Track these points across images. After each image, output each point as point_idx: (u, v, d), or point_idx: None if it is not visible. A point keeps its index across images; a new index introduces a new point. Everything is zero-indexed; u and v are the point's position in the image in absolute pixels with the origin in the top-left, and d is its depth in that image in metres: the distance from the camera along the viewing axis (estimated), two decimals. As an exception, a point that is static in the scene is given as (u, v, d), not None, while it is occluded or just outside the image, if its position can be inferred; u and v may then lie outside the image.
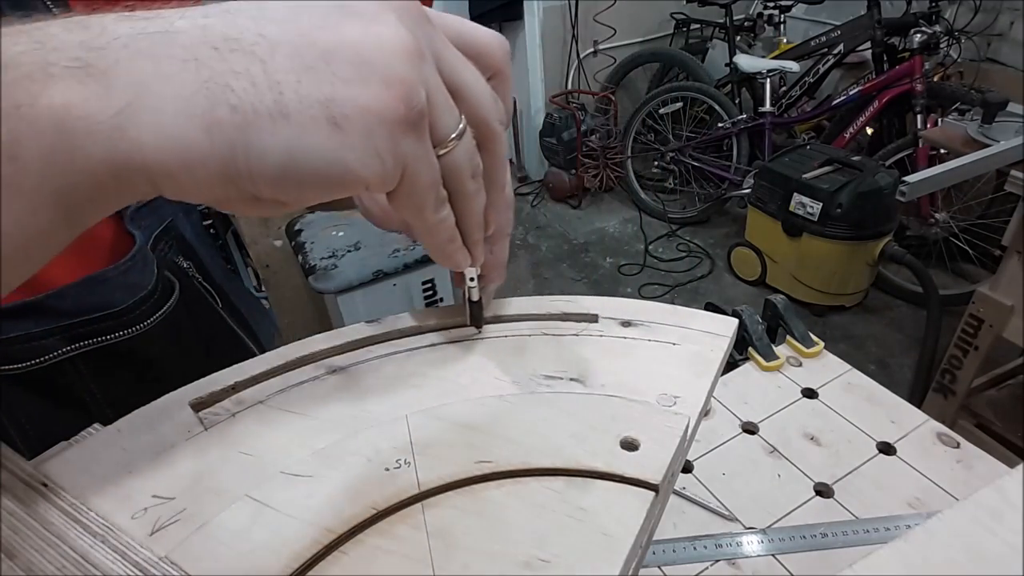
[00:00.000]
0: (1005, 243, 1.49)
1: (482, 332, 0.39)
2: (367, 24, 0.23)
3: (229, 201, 0.24)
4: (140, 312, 0.47)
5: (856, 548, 0.40)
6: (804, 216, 2.18)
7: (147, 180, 0.22)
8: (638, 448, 0.30)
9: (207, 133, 0.21)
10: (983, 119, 1.58)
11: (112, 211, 0.23)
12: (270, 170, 0.22)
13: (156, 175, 0.22)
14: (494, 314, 0.41)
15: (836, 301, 2.32)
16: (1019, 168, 1.37)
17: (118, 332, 0.46)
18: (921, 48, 2.23)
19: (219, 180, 0.22)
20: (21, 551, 0.24)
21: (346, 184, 0.23)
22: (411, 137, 0.24)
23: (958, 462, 0.46)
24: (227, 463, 0.30)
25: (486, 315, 0.39)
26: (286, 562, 0.25)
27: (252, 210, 0.24)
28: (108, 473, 0.30)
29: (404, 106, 0.23)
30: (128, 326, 0.47)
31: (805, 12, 3.06)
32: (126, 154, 0.21)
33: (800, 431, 0.49)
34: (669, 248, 2.85)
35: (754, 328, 0.57)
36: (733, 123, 2.68)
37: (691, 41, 3.30)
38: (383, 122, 0.23)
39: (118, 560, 0.24)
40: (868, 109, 2.43)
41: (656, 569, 0.40)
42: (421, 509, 0.28)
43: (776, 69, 2.58)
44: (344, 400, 0.34)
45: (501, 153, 0.30)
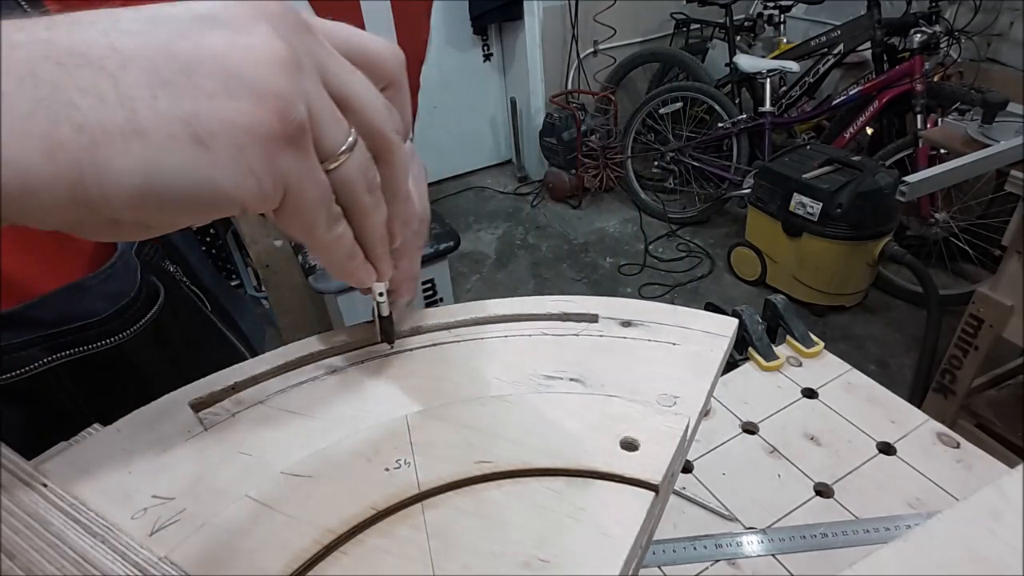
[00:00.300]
0: (1005, 243, 1.49)
1: (483, 332, 0.39)
2: (235, 34, 0.22)
3: (83, 225, 0.22)
4: (123, 320, 0.47)
5: (856, 548, 0.40)
6: (804, 216, 2.18)
7: None
8: (638, 448, 0.30)
9: (48, 155, 0.19)
10: (983, 119, 1.58)
11: None
12: (127, 192, 0.20)
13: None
14: (494, 314, 0.41)
15: (836, 301, 2.32)
16: (1019, 168, 1.37)
17: (101, 341, 0.45)
18: (921, 48, 2.23)
19: (68, 204, 0.20)
20: (21, 551, 0.24)
21: (217, 204, 0.22)
22: (290, 153, 0.22)
23: (958, 462, 0.46)
24: (227, 463, 0.30)
25: (399, 329, 0.38)
26: (286, 562, 0.25)
27: (112, 234, 0.23)
28: (108, 473, 0.30)
29: (278, 120, 0.22)
30: (111, 334, 0.46)
31: (805, 12, 3.06)
32: None
33: (800, 431, 0.49)
34: (669, 248, 2.85)
35: (754, 328, 0.57)
36: (733, 123, 2.68)
37: (691, 41, 3.30)
38: (255, 138, 0.21)
39: (118, 560, 0.24)
40: (868, 109, 2.43)
41: (656, 569, 0.40)
42: (421, 509, 0.28)
43: (776, 69, 2.58)
44: (344, 400, 0.34)
45: (400, 164, 0.28)
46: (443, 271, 1.78)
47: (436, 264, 1.74)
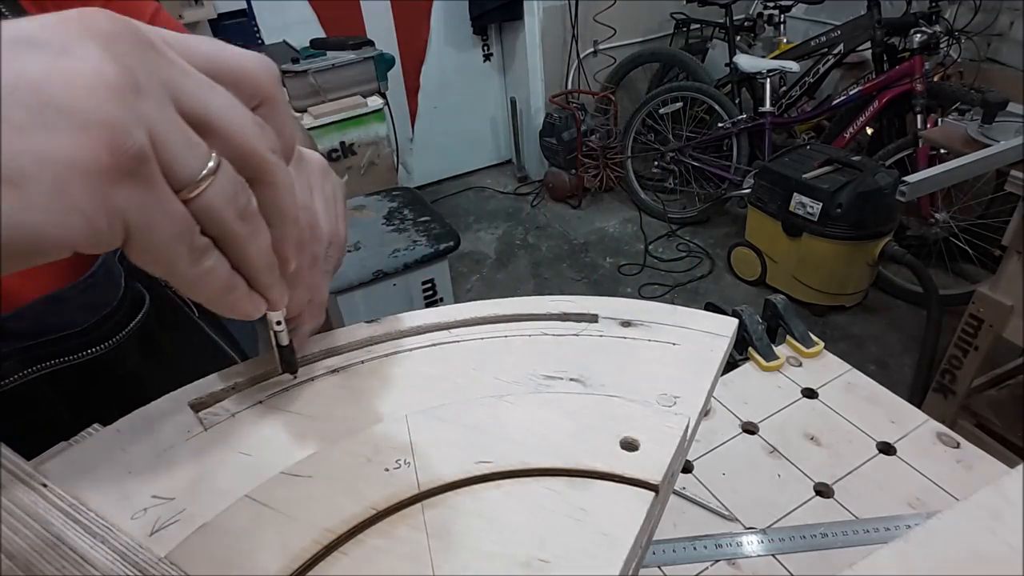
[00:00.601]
0: (1005, 243, 1.49)
1: (483, 332, 0.39)
2: (54, 58, 0.19)
3: None
4: (104, 330, 0.45)
5: (856, 548, 0.40)
6: (804, 216, 2.18)
7: None
8: (638, 448, 0.30)
9: None
10: (983, 119, 1.58)
11: None
12: None
13: None
14: (495, 314, 0.41)
15: (836, 301, 2.32)
16: (1019, 168, 1.37)
17: (82, 351, 0.44)
18: (921, 48, 2.23)
19: None
20: (21, 551, 0.24)
21: (42, 250, 0.20)
22: (126, 186, 0.20)
23: (958, 462, 0.46)
24: (227, 463, 0.30)
25: (309, 352, 0.36)
26: (286, 562, 0.25)
27: None
28: (108, 473, 0.30)
29: (107, 152, 0.20)
30: (92, 344, 0.45)
31: (805, 12, 3.06)
32: None
33: (800, 431, 0.49)
34: (669, 248, 2.85)
35: (754, 328, 0.57)
36: (733, 123, 2.68)
37: (691, 41, 3.30)
38: (79, 174, 0.19)
39: (118, 560, 0.24)
40: (868, 109, 2.43)
41: (656, 569, 0.40)
42: (421, 509, 0.28)
43: (776, 69, 2.58)
44: (344, 400, 0.34)
45: (282, 183, 0.26)
46: (443, 271, 1.79)
47: (436, 264, 1.74)
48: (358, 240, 1.69)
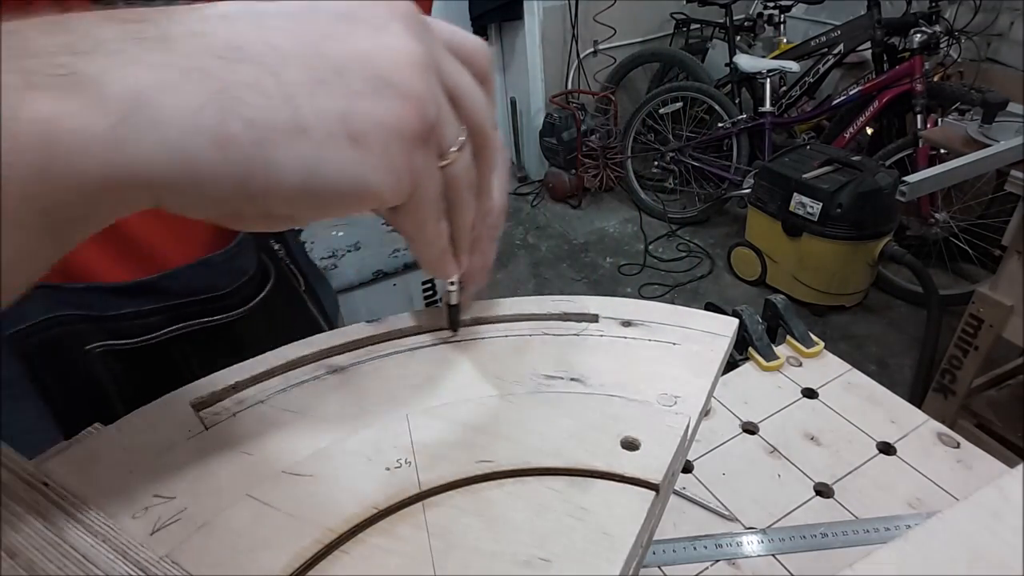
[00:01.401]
0: (1005, 243, 1.49)
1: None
2: (376, 34, 0.22)
3: (239, 217, 0.22)
4: (241, 296, 0.49)
5: (856, 548, 0.40)
6: (804, 216, 2.18)
7: (151, 196, 0.20)
8: (638, 448, 0.30)
9: (220, 149, 0.20)
10: (983, 119, 1.58)
11: (104, 226, 0.21)
12: (288, 188, 0.21)
13: (162, 192, 0.20)
14: (495, 314, 0.41)
15: (836, 301, 2.32)
16: (1019, 168, 1.37)
17: (220, 314, 0.48)
18: (921, 48, 2.23)
19: (233, 197, 0.21)
20: (22, 550, 0.24)
21: (364, 201, 0.23)
22: (422, 151, 0.23)
23: (958, 462, 0.46)
24: (228, 462, 0.30)
25: (464, 318, 0.38)
26: (287, 561, 0.25)
27: (258, 226, 0.24)
28: (109, 472, 0.30)
29: (419, 120, 0.22)
30: (230, 309, 0.48)
31: (805, 12, 3.06)
32: (128, 170, 0.19)
33: (800, 431, 0.49)
34: (669, 248, 2.85)
35: (754, 328, 0.57)
36: (733, 123, 2.68)
37: (691, 41, 3.30)
38: (399, 137, 0.22)
39: (119, 559, 0.24)
40: (868, 109, 2.43)
41: (656, 569, 0.40)
42: (422, 509, 0.28)
43: (776, 69, 2.58)
44: (344, 400, 0.34)
45: (494, 160, 0.29)
46: (443, 271, 1.78)
47: (436, 264, 1.73)
48: (358, 240, 1.69)
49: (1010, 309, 1.47)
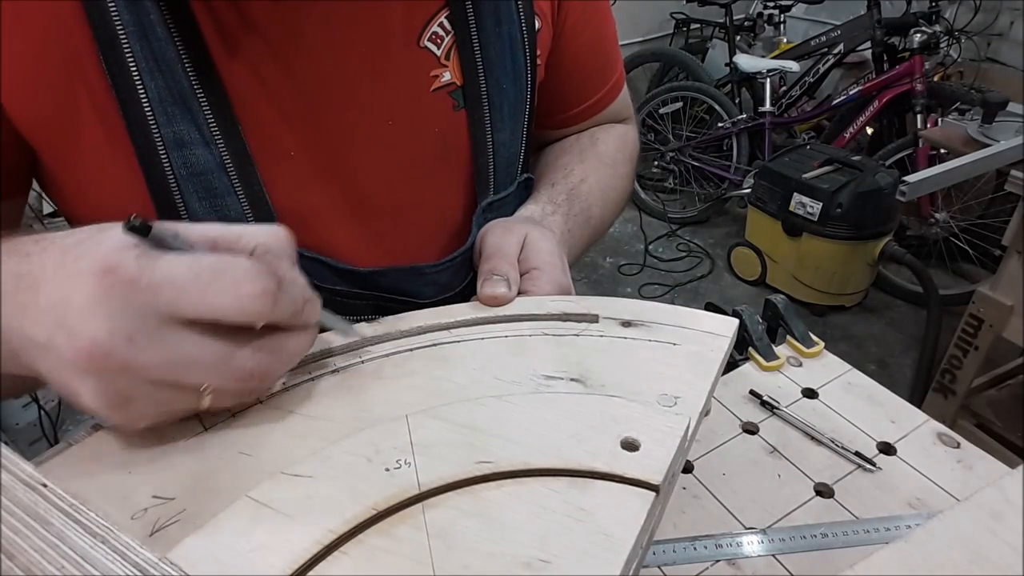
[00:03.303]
0: (1005, 243, 1.49)
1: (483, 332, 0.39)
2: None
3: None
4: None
5: (856, 548, 0.40)
6: (804, 216, 2.18)
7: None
8: (639, 448, 0.30)
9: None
10: (983, 119, 1.58)
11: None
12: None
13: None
14: (495, 314, 0.41)
15: (836, 301, 2.32)
16: (1019, 168, 1.37)
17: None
18: (921, 48, 2.23)
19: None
20: (21, 551, 0.24)
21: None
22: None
23: (958, 462, 0.46)
24: (227, 463, 0.30)
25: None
26: (286, 562, 0.25)
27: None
28: (108, 473, 0.30)
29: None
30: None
31: (805, 12, 3.06)
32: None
33: (800, 431, 0.49)
34: (669, 248, 2.85)
35: (754, 328, 0.57)
36: (733, 123, 2.68)
37: (691, 41, 3.30)
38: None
39: (118, 560, 0.24)
40: (868, 109, 2.43)
41: (656, 569, 0.40)
42: (421, 509, 0.28)
43: (776, 69, 2.58)
44: (344, 400, 0.34)
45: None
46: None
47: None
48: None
49: (1010, 309, 1.47)
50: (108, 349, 0.27)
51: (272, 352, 0.30)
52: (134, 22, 0.37)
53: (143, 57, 0.38)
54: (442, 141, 0.50)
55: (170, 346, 0.28)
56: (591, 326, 0.39)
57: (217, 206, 0.42)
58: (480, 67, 0.49)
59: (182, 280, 0.27)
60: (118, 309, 0.27)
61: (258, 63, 0.41)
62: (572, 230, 0.56)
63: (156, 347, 0.27)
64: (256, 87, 0.42)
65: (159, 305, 0.27)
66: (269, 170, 0.44)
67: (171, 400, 0.29)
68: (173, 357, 0.28)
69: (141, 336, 0.27)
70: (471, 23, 0.48)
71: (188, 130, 0.40)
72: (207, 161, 0.41)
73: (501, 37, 0.49)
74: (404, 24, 0.45)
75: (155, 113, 0.39)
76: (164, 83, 0.39)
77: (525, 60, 0.52)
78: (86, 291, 0.27)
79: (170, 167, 0.41)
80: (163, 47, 0.38)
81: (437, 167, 0.51)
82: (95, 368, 0.27)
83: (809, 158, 2.27)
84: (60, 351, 0.28)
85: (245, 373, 0.29)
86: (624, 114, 0.69)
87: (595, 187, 0.60)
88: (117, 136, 0.39)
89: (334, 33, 0.43)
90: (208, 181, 0.42)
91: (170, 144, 0.40)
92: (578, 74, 0.60)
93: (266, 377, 0.30)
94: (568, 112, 0.63)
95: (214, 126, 0.41)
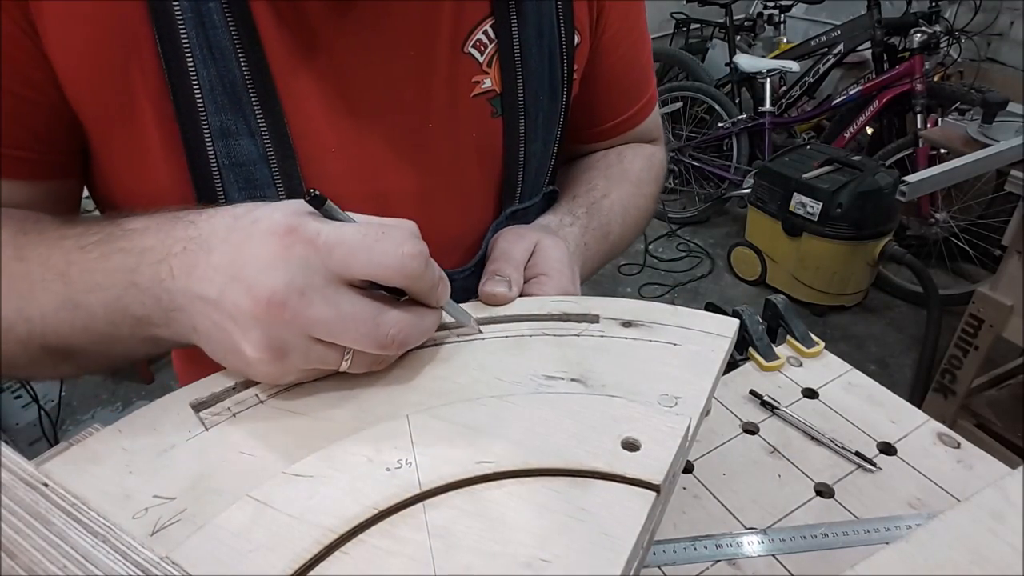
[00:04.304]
0: (1005, 243, 1.49)
1: (483, 332, 0.39)
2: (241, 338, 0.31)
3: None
4: None
5: (857, 548, 0.40)
6: (804, 216, 2.18)
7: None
8: (639, 448, 0.30)
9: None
10: (983, 119, 1.58)
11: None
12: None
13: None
14: (495, 314, 0.41)
15: (836, 301, 2.32)
16: (1019, 168, 1.37)
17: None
18: (921, 48, 2.23)
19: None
20: (22, 551, 0.24)
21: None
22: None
23: (959, 462, 0.46)
24: (228, 463, 0.30)
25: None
26: (287, 562, 0.25)
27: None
28: (109, 473, 0.30)
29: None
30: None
31: (805, 12, 3.06)
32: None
33: (800, 431, 0.49)
34: (669, 248, 2.85)
35: (754, 328, 0.57)
36: (733, 123, 2.68)
37: (691, 41, 3.30)
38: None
39: (119, 560, 0.24)
40: (868, 109, 2.43)
41: (656, 569, 0.40)
42: (422, 509, 0.28)
43: (776, 69, 2.58)
44: (345, 400, 0.34)
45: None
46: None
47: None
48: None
49: (1010, 309, 1.47)
50: (284, 299, 0.29)
51: (411, 324, 0.33)
52: (192, 8, 0.38)
53: (198, 44, 0.38)
54: (477, 147, 0.50)
55: (333, 303, 0.30)
56: (591, 326, 0.39)
57: (255, 197, 0.43)
58: (520, 77, 0.49)
59: (352, 241, 0.31)
60: (296, 265, 0.30)
61: (309, 59, 0.42)
62: (589, 244, 0.56)
63: (322, 303, 0.30)
64: (304, 82, 0.42)
65: (331, 263, 0.30)
66: (309, 165, 0.44)
67: (320, 358, 0.32)
68: (334, 314, 0.30)
69: (312, 291, 0.30)
70: (515, 33, 0.48)
71: (235, 120, 0.41)
72: (251, 152, 0.42)
73: (542, 50, 0.50)
74: (451, 28, 0.46)
75: (205, 101, 0.40)
76: (216, 72, 0.39)
77: (562, 74, 0.52)
78: (268, 248, 0.30)
79: (214, 155, 0.41)
80: (219, 36, 0.39)
81: (469, 172, 0.51)
82: (269, 318, 0.30)
83: (809, 158, 2.27)
84: (236, 302, 0.30)
85: (388, 339, 0.32)
86: (654, 134, 0.69)
87: (617, 203, 0.60)
88: (165, 121, 0.40)
89: (385, 33, 0.43)
90: (249, 172, 0.42)
91: (216, 133, 0.41)
92: (611, 89, 0.60)
93: (403, 345, 0.33)
94: (599, 127, 0.63)
95: (261, 118, 0.41)
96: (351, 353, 0.32)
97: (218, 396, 0.34)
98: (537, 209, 0.57)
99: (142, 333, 0.35)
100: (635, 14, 0.58)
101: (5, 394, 1.70)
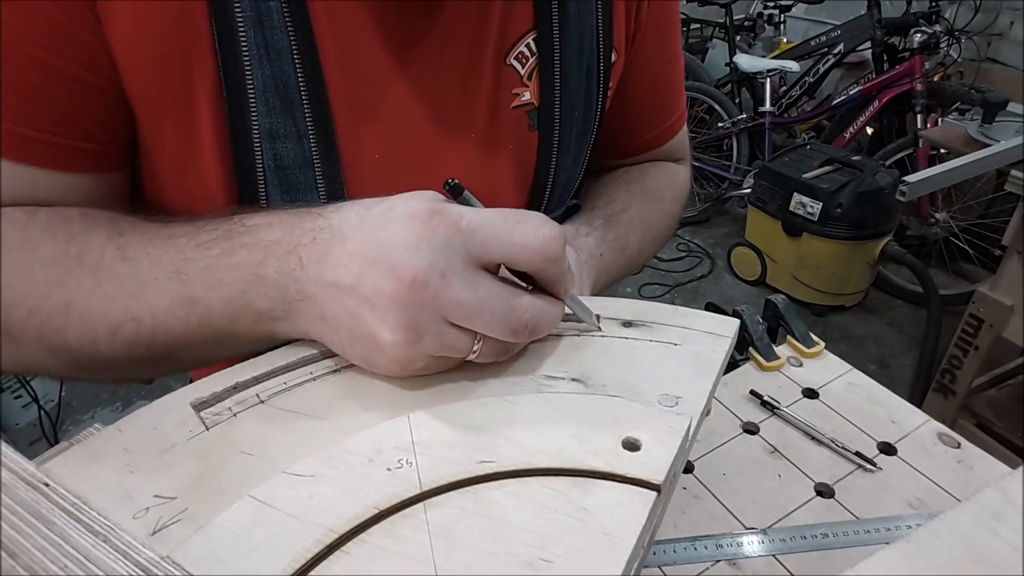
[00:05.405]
0: (1005, 243, 1.49)
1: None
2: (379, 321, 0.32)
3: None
4: None
5: (857, 548, 0.40)
6: (804, 216, 2.18)
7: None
8: (640, 448, 0.30)
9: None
10: (983, 119, 1.58)
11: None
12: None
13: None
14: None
15: (836, 301, 2.32)
16: (1019, 168, 1.37)
17: None
18: (921, 48, 2.23)
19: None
20: (23, 550, 0.24)
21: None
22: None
23: (959, 462, 0.46)
24: (228, 463, 0.30)
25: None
26: (288, 562, 0.25)
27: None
28: (110, 473, 0.30)
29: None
30: None
31: (805, 12, 3.06)
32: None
33: (801, 431, 0.49)
34: (669, 248, 2.85)
35: (754, 328, 0.57)
36: (733, 123, 2.68)
37: (691, 41, 3.30)
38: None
39: (120, 560, 0.24)
40: (868, 109, 2.43)
41: (656, 569, 0.40)
42: (423, 509, 0.28)
43: (776, 69, 2.58)
44: (345, 400, 0.34)
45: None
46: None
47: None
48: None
49: (1010, 309, 1.47)
50: (426, 279, 0.30)
51: (542, 311, 0.33)
52: (252, 7, 0.38)
53: (256, 45, 0.38)
54: (513, 158, 0.50)
55: (472, 286, 0.31)
56: (592, 326, 0.39)
57: (296, 201, 0.43)
58: (558, 92, 0.49)
59: (494, 223, 0.31)
60: (438, 246, 0.30)
61: (361, 64, 0.42)
62: (604, 255, 0.56)
63: (460, 285, 0.30)
64: (355, 88, 0.42)
65: (472, 246, 0.31)
66: (352, 170, 0.44)
67: (452, 343, 0.32)
68: (472, 297, 0.30)
69: (452, 273, 0.30)
70: (556, 48, 0.48)
71: (285, 123, 0.41)
72: (297, 155, 0.42)
73: (581, 67, 0.50)
74: (497, 40, 0.46)
75: (257, 103, 0.39)
76: (271, 73, 0.39)
77: (598, 92, 0.52)
78: (410, 231, 0.30)
79: (260, 157, 0.41)
80: (277, 37, 0.39)
81: (503, 183, 0.51)
82: (411, 298, 0.30)
83: (809, 158, 2.27)
84: (376, 285, 0.30)
85: (520, 325, 0.32)
86: (680, 153, 0.69)
87: (636, 218, 0.60)
88: (216, 119, 0.40)
89: (436, 43, 0.43)
90: (293, 175, 0.42)
91: (264, 134, 0.40)
92: (640, 106, 0.60)
93: (533, 332, 0.33)
94: (627, 142, 0.63)
95: (310, 121, 0.41)
96: (481, 340, 0.32)
97: (219, 396, 0.34)
98: (558, 221, 0.57)
99: (260, 328, 0.35)
100: (670, 33, 0.58)
101: (5, 394, 1.70)
